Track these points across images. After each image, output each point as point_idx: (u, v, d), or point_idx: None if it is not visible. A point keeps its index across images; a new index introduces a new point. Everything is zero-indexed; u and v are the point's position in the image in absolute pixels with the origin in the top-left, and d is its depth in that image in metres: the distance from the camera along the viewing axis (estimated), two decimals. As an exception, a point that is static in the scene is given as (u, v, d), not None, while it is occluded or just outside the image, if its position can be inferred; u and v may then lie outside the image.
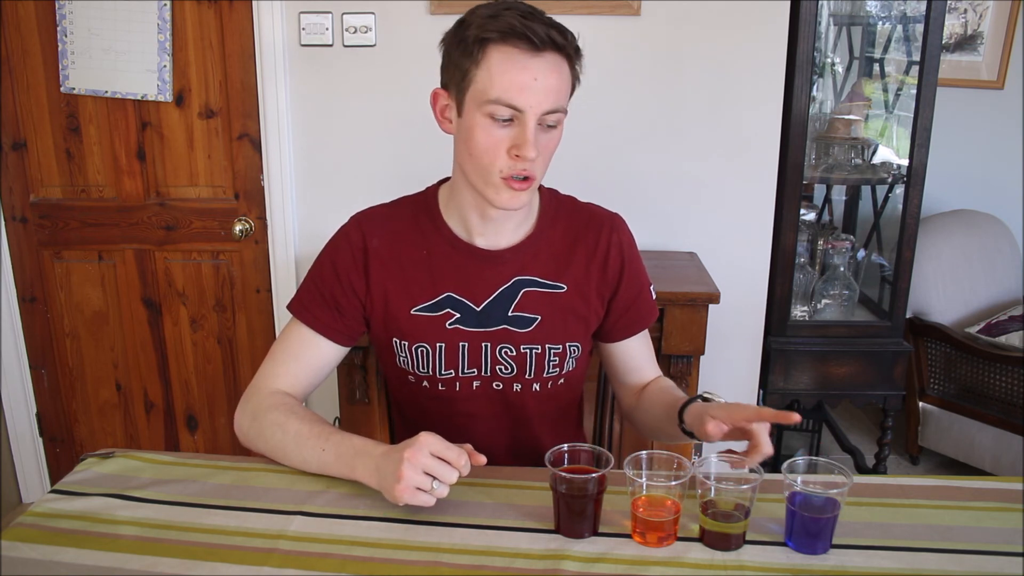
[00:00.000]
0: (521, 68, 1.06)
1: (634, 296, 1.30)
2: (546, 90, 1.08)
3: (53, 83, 2.25)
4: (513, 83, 1.06)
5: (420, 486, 0.99)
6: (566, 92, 1.12)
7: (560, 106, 1.10)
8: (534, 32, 1.05)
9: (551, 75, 1.08)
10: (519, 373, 1.26)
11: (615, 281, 1.28)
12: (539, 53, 1.07)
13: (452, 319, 1.23)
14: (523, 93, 1.07)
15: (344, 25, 2.18)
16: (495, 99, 1.07)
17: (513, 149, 1.10)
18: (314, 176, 2.31)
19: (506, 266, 1.24)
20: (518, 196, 1.13)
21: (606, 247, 1.26)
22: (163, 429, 2.54)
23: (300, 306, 1.25)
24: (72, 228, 2.37)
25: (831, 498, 0.97)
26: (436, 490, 1.00)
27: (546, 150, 1.13)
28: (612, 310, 1.30)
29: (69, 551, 0.98)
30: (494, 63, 1.07)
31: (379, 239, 1.24)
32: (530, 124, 1.08)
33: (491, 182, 1.13)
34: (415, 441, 1.01)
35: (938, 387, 2.74)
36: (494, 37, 1.07)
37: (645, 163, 2.26)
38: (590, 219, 1.28)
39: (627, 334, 1.32)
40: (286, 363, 1.24)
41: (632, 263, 1.29)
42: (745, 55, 2.17)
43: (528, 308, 1.24)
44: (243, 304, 2.42)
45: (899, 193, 2.36)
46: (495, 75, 1.07)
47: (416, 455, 1.00)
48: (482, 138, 1.10)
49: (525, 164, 1.10)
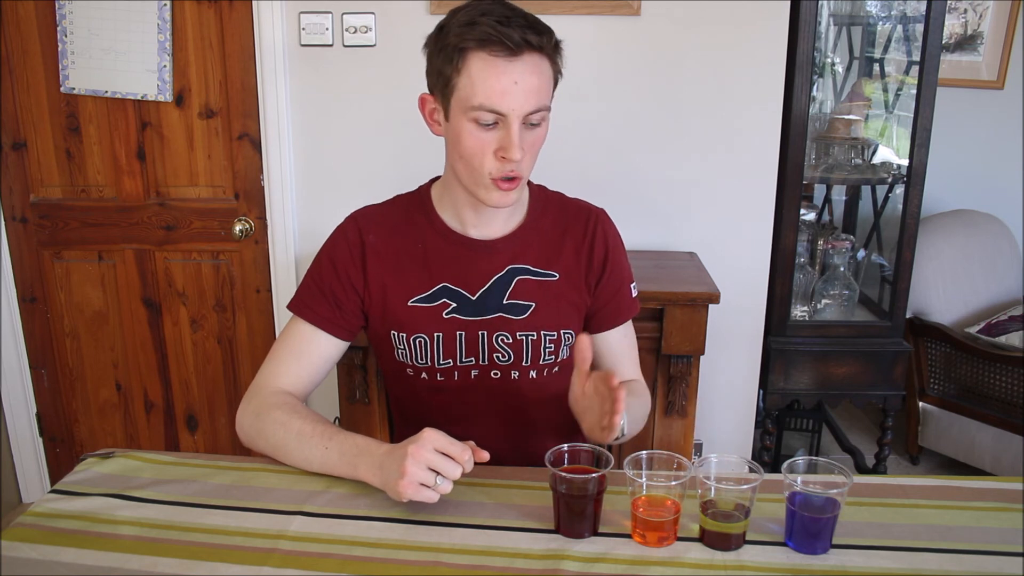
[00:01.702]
0: (500, 73, 1.09)
1: (616, 287, 1.33)
2: (527, 92, 1.10)
3: (53, 83, 2.25)
4: (494, 89, 1.09)
5: (424, 482, 1.00)
6: (548, 90, 1.14)
7: (542, 104, 1.13)
8: (509, 38, 1.07)
9: (531, 76, 1.10)
10: (516, 360, 1.28)
11: (599, 270, 1.31)
12: (517, 56, 1.09)
13: (448, 309, 1.25)
14: (504, 98, 1.09)
15: (344, 25, 2.18)
16: (478, 105, 1.10)
17: (499, 151, 1.13)
18: (314, 176, 2.31)
19: (500, 255, 1.27)
20: (507, 195, 1.17)
21: (592, 237, 1.30)
22: (163, 429, 2.54)
23: (300, 304, 1.27)
24: (72, 228, 2.37)
25: (831, 498, 0.97)
26: (439, 486, 1.01)
27: (532, 148, 1.16)
28: (595, 299, 1.32)
29: (69, 551, 0.98)
30: (474, 70, 1.10)
31: (375, 235, 1.27)
32: (514, 126, 1.11)
33: (481, 183, 1.16)
34: (418, 437, 1.02)
35: (938, 387, 2.74)
36: (471, 45, 1.09)
37: (645, 163, 2.26)
38: (577, 212, 1.33)
39: (608, 325, 1.34)
40: (287, 362, 1.25)
41: (616, 254, 1.32)
42: (745, 55, 2.17)
43: (522, 296, 1.27)
44: (243, 304, 2.42)
45: (899, 193, 2.36)
46: (476, 82, 1.10)
47: (420, 451, 1.00)
48: (469, 142, 1.14)
49: (512, 165, 1.14)
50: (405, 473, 1.00)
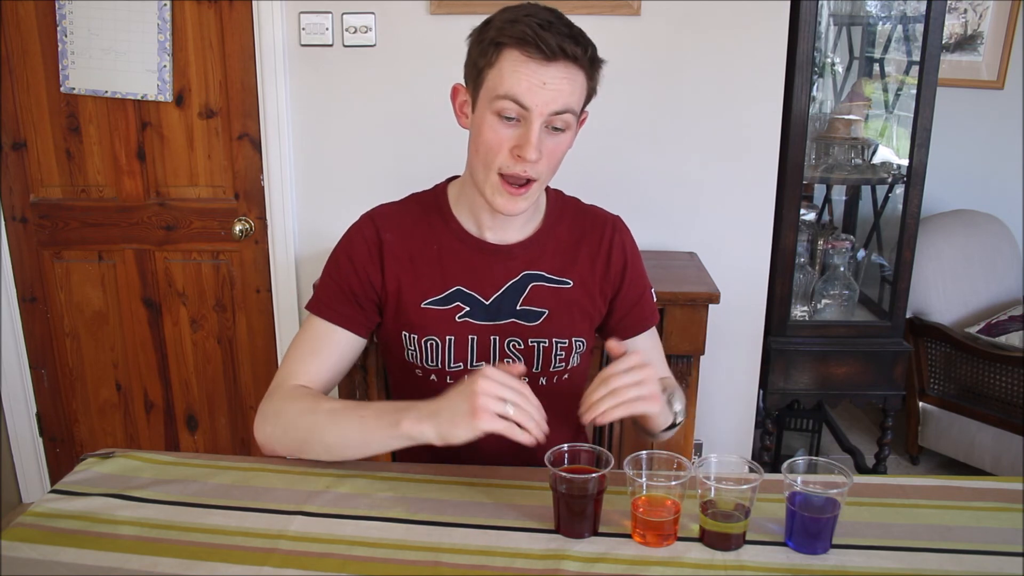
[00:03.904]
0: (531, 73, 1.09)
1: (638, 295, 1.32)
2: (555, 93, 1.10)
3: (53, 83, 2.25)
4: (521, 84, 1.09)
5: (498, 410, 0.99)
6: (577, 98, 1.13)
7: (568, 107, 1.12)
8: (545, 42, 1.07)
9: (561, 81, 1.10)
10: (527, 367, 1.26)
11: (617, 280, 1.30)
12: (550, 62, 1.09)
13: (462, 312, 1.25)
14: (530, 92, 1.09)
15: (344, 25, 2.18)
16: (503, 95, 1.10)
17: (516, 149, 1.12)
18: (314, 176, 2.31)
19: (515, 261, 1.26)
20: (514, 201, 1.16)
21: (608, 246, 1.30)
22: (163, 429, 2.54)
23: (319, 304, 1.26)
24: (72, 228, 2.37)
25: (831, 498, 0.97)
26: (511, 412, 0.99)
27: (551, 155, 1.15)
28: (616, 308, 1.32)
29: (69, 551, 0.98)
30: (505, 65, 1.10)
31: (391, 233, 1.26)
32: (535, 124, 1.10)
33: (490, 180, 1.15)
34: (482, 372, 1.00)
35: (938, 387, 2.74)
36: (508, 42, 1.10)
37: (645, 163, 2.26)
38: (594, 219, 1.32)
39: (633, 332, 1.34)
40: (304, 360, 1.24)
41: (634, 263, 1.32)
42: (745, 55, 2.17)
43: (536, 302, 1.26)
44: (243, 304, 2.42)
45: (899, 193, 2.36)
46: (505, 75, 1.10)
47: (487, 384, 0.99)
48: (488, 134, 1.13)
49: (525, 165, 1.12)
50: (478, 403, 0.98)
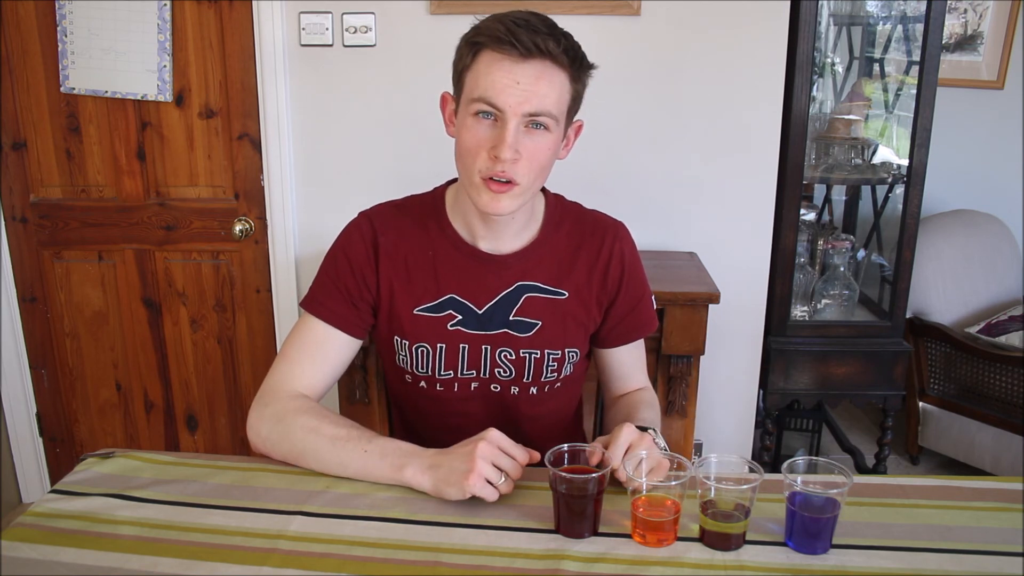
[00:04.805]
0: (505, 72, 1.08)
1: (632, 306, 1.30)
2: (528, 92, 1.09)
3: (53, 83, 2.25)
4: (494, 85, 1.09)
5: (490, 478, 1.03)
6: (556, 98, 1.11)
7: (545, 110, 1.10)
8: (518, 38, 1.07)
9: (537, 80, 1.09)
10: (517, 377, 1.27)
11: (614, 290, 1.29)
12: (525, 59, 1.08)
13: (454, 320, 1.24)
14: (503, 93, 1.08)
15: (344, 25, 2.18)
16: (478, 97, 1.10)
17: (492, 150, 1.11)
18: (314, 176, 2.31)
19: (509, 271, 1.25)
20: (498, 199, 1.13)
21: (608, 255, 1.27)
22: (163, 429, 2.54)
23: (314, 302, 1.25)
24: (72, 228, 2.37)
25: (831, 498, 0.97)
26: (502, 484, 1.04)
27: (532, 156, 1.12)
28: (609, 317, 1.30)
29: (69, 551, 0.98)
30: (481, 66, 1.10)
31: (388, 236, 1.25)
32: (510, 124, 1.09)
33: (473, 183, 1.14)
34: (485, 435, 1.05)
35: (938, 387, 2.74)
36: (485, 42, 1.10)
37: (645, 163, 2.26)
38: (594, 226, 1.29)
39: (621, 342, 1.33)
40: (301, 362, 1.23)
41: (632, 272, 1.30)
42: (745, 55, 2.17)
43: (529, 313, 1.25)
44: (243, 304, 2.42)
45: (899, 193, 2.36)
46: (480, 76, 1.10)
47: (488, 448, 1.03)
48: (467, 137, 1.13)
49: (503, 165, 1.10)
50: (474, 468, 1.02)
